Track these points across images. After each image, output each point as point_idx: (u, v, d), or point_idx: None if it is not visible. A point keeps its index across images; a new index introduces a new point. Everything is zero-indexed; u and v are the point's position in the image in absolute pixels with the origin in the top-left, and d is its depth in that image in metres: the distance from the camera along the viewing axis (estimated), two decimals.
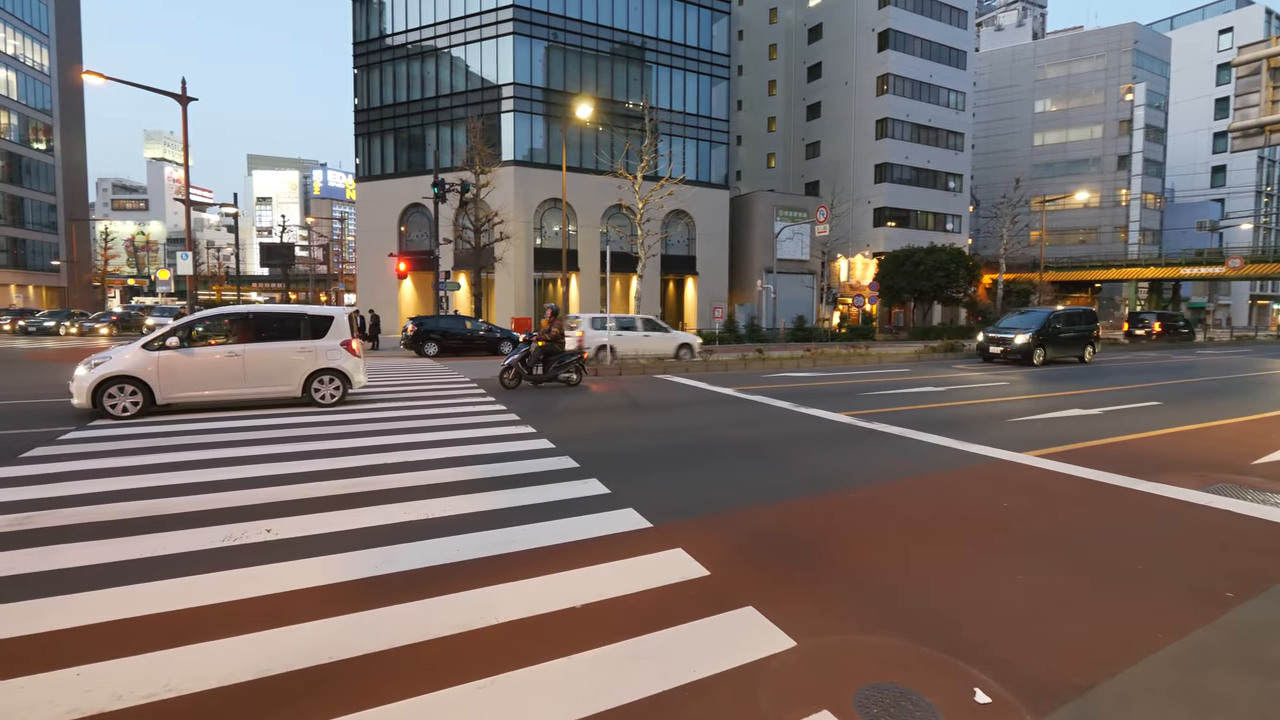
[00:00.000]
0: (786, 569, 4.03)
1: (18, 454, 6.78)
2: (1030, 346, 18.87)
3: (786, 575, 3.93)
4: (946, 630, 3.30)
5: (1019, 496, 5.66)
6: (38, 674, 2.83)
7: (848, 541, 4.52)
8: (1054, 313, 20.10)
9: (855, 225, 46.17)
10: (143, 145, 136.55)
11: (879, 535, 4.66)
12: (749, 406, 10.73)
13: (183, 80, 20.01)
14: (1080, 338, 20.27)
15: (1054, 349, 19.45)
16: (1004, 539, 4.63)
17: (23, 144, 58.38)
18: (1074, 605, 3.62)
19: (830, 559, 4.20)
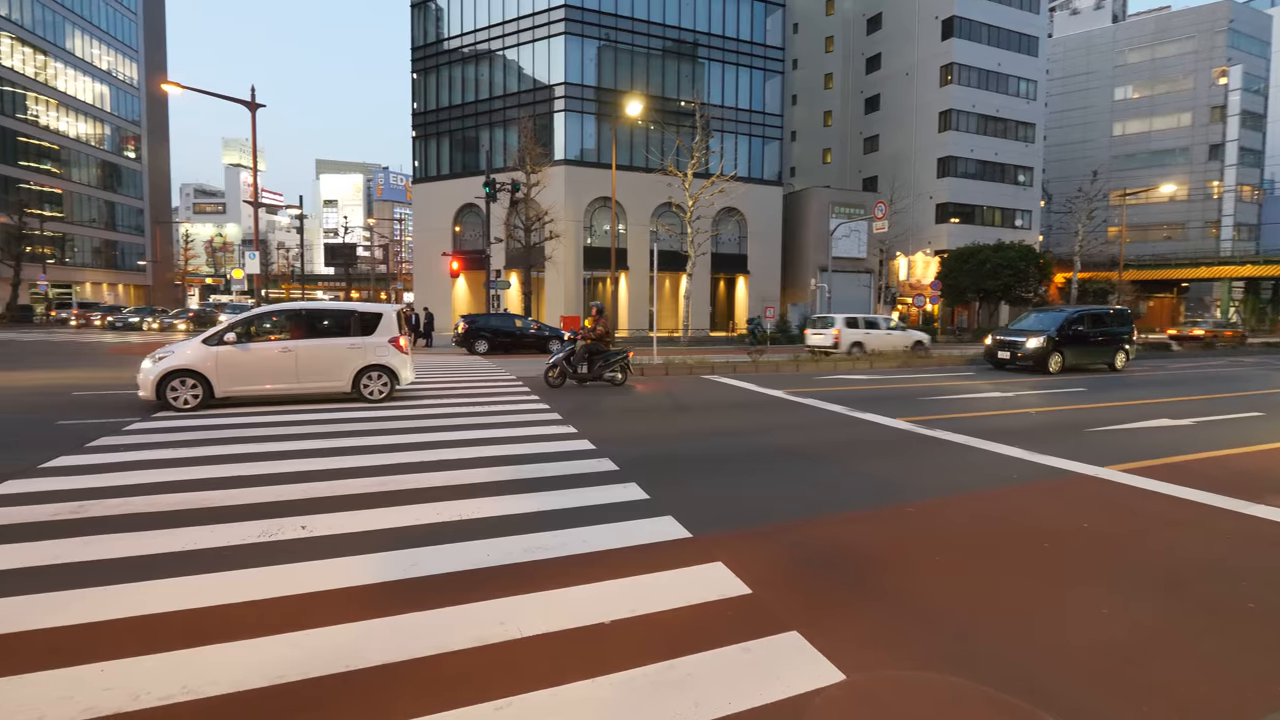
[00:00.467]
0: (836, 591, 3.70)
1: (84, 443, 7.04)
2: (1044, 351, 16.47)
3: (836, 598, 3.61)
4: (1017, 670, 2.93)
5: (1101, 517, 5.14)
6: (64, 668, 2.80)
7: (904, 562, 4.15)
8: (1075, 312, 17.58)
9: (916, 222, 44.56)
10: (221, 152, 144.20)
11: (939, 556, 4.26)
12: (799, 410, 10.31)
13: (251, 88, 20.83)
14: (1109, 342, 17.71)
15: (1075, 354, 16.99)
16: (1084, 565, 4.16)
17: (115, 153, 62.37)
18: (1172, 648, 3.17)
19: (885, 581, 3.85)
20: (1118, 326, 18.07)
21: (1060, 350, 16.61)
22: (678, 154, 29.79)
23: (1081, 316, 17.46)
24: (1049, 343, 16.49)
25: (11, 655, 2.88)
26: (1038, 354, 16.49)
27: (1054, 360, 16.49)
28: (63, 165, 55.87)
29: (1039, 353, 16.48)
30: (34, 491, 5.27)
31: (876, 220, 31.22)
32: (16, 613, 3.26)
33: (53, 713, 2.50)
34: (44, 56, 54.13)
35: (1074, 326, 17.07)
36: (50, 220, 50.62)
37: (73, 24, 57.04)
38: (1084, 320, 17.46)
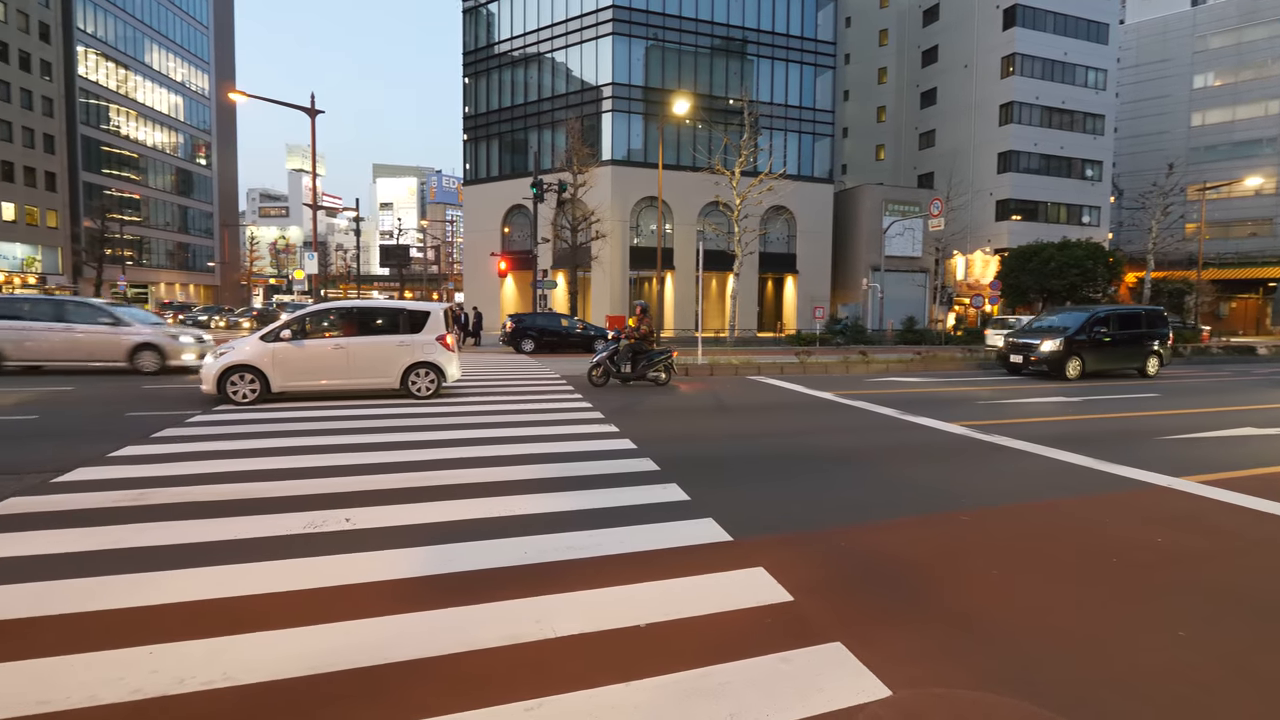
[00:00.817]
0: (883, 601, 3.53)
1: (150, 434, 7.37)
2: (1060, 355, 14.86)
3: (883, 609, 3.44)
4: (1081, 695, 2.71)
5: (1177, 532, 4.78)
6: (116, 649, 2.88)
7: (958, 573, 3.93)
8: (1100, 311, 16.00)
9: (974, 219, 42.99)
10: (285, 158, 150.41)
11: (995, 568, 4.02)
12: (848, 413, 10.02)
13: (311, 95, 21.60)
14: (1138, 345, 15.99)
15: (1097, 358, 15.32)
16: (1157, 584, 3.86)
17: (188, 160, 65.77)
18: (1262, 679, 2.89)
19: (936, 593, 3.65)
20: (1150, 327, 16.31)
21: (1079, 354, 14.99)
22: (725, 152, 29.50)
23: (1107, 316, 15.88)
24: (1066, 345, 14.91)
25: (70, 635, 2.99)
26: (1053, 358, 14.96)
27: (1072, 365, 14.93)
28: (141, 172, 59.19)
29: (1054, 356, 14.94)
30: (101, 479, 5.52)
31: (932, 218, 30.25)
32: (77, 594, 3.39)
33: (104, 692, 2.57)
34: (125, 70, 57.47)
35: (1096, 328, 15.42)
36: (129, 224, 53.70)
37: (151, 39, 60.39)
38: (1109, 320, 15.83)
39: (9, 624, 3.09)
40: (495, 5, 40.03)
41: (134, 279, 55.45)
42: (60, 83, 51.12)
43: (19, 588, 3.46)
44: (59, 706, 2.47)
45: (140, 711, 2.47)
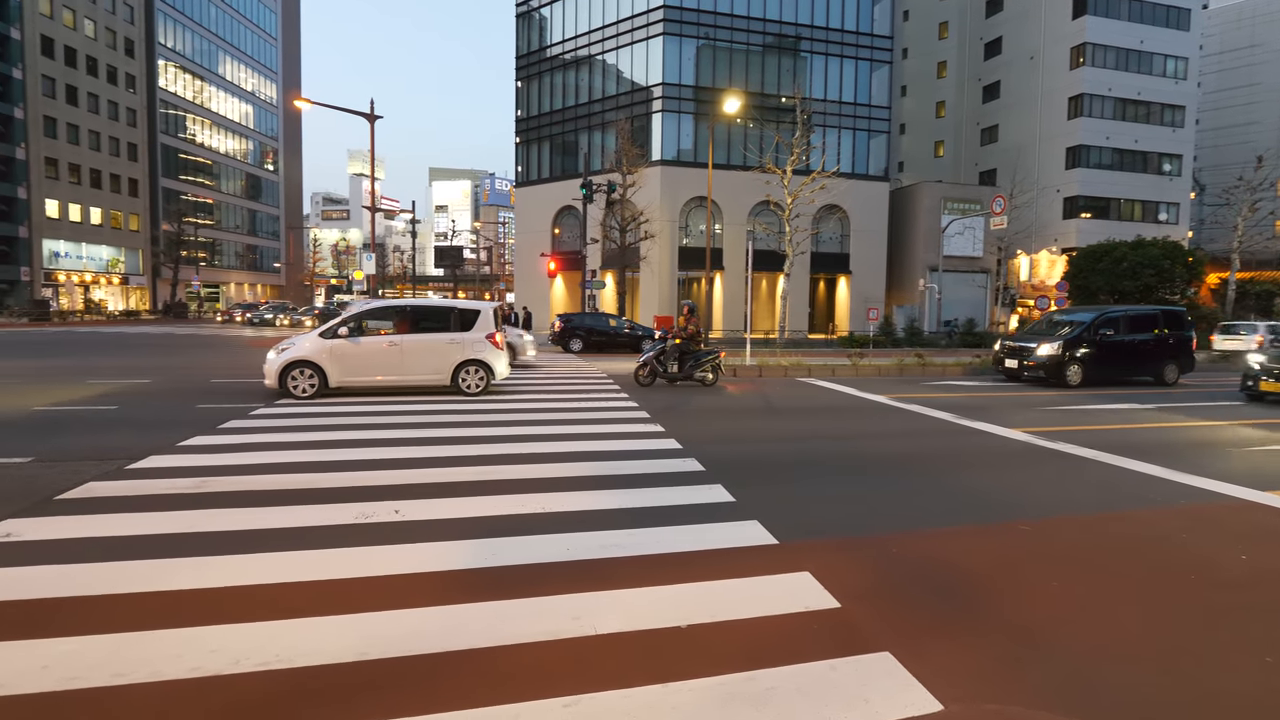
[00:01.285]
0: (936, 611, 3.38)
1: (216, 424, 7.73)
2: (1057, 360, 13.43)
3: (935, 619, 3.30)
4: (1152, 718, 2.53)
5: (1264, 549, 4.44)
6: (178, 628, 3.01)
7: (1017, 585, 3.74)
8: (1109, 312, 14.40)
9: (1040, 217, 41.20)
10: (346, 162, 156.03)
11: (1058, 581, 3.82)
12: (902, 416, 9.72)
13: (370, 101, 22.34)
14: (1154, 349, 14.31)
15: (1101, 365, 13.78)
16: (1242, 604, 3.59)
17: (257, 165, 68.99)
18: None
19: (993, 604, 3.48)
20: (1165, 330, 14.47)
21: (1081, 359, 13.53)
22: (777, 150, 29.10)
23: (1115, 318, 14.29)
24: (1064, 349, 13.49)
25: (135, 612, 3.14)
26: (1050, 363, 13.50)
27: (1072, 371, 13.47)
28: (213, 178, 62.40)
29: (1052, 362, 13.49)
30: (169, 466, 5.81)
31: (994, 216, 29.12)
32: (145, 575, 3.56)
33: (166, 669, 2.68)
34: (201, 81, 60.68)
35: (1102, 330, 13.92)
36: (203, 227, 56.67)
37: (224, 51, 63.60)
38: (1119, 322, 14.24)
39: (86, 600, 3.27)
40: (548, 9, 40.55)
41: (206, 279, 58.50)
42: (143, 94, 54.34)
43: (95, 567, 3.66)
44: (128, 680, 2.60)
45: (199, 688, 2.57)
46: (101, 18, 50.45)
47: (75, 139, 48.43)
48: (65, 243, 48.20)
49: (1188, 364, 14.72)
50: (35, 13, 45.40)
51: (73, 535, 4.14)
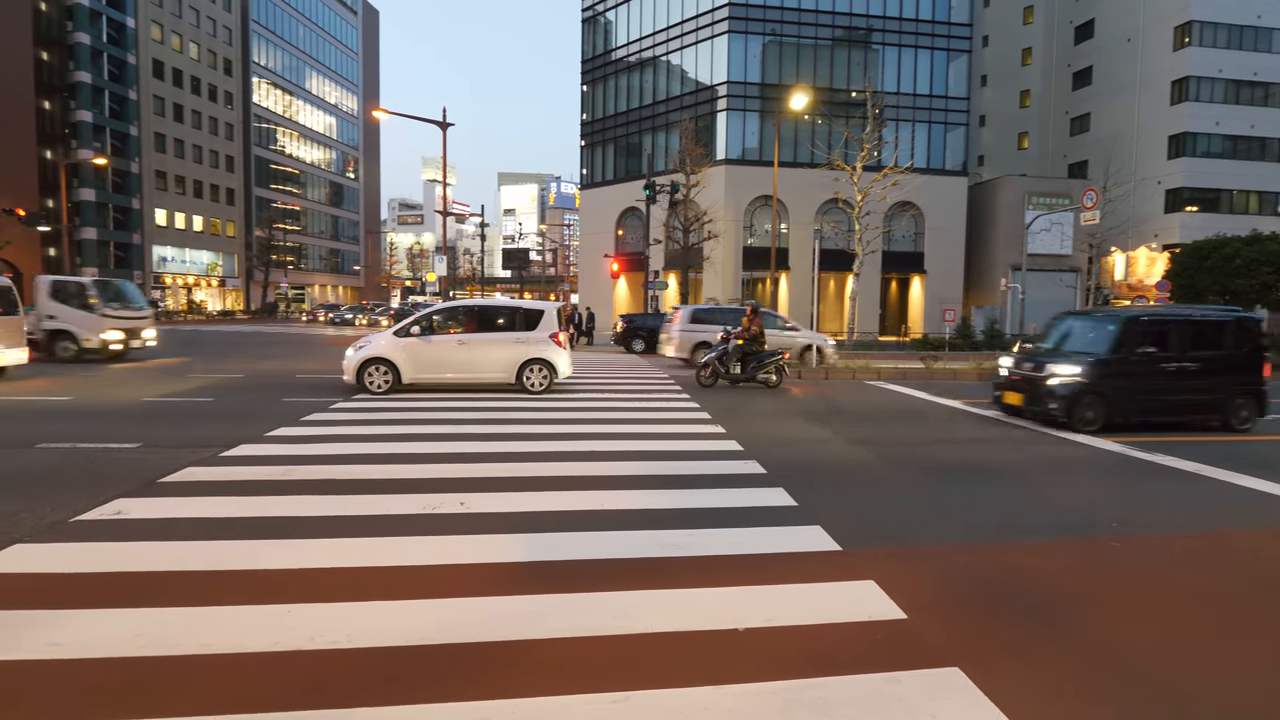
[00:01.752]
0: (1011, 627, 3.21)
1: (300, 417, 8.20)
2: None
3: (1010, 635, 3.13)
4: None
5: None
6: (260, 605, 3.22)
7: (1104, 604, 3.50)
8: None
9: (1138, 211, 38.43)
10: (420, 169, 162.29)
11: (1151, 603, 3.55)
12: (978, 423, 9.28)
13: (443, 110, 23.12)
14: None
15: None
16: None
17: (339, 174, 72.72)
18: None
19: (1076, 623, 3.27)
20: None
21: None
22: (846, 146, 28.36)
23: (1161, 327, 9.20)
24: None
25: (223, 589, 3.37)
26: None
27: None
28: (300, 186, 66.20)
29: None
30: (258, 455, 6.20)
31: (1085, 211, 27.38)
32: (231, 554, 3.82)
33: (248, 642, 2.86)
34: (290, 96, 64.49)
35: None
36: (290, 233, 60.18)
37: (311, 67, 67.36)
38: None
39: (180, 575, 3.53)
40: (613, 13, 40.92)
41: (294, 281, 62.04)
42: (239, 110, 58.26)
43: (190, 545, 3.95)
44: (213, 650, 2.79)
45: (278, 661, 2.72)
46: (204, 40, 54.43)
47: (181, 153, 52.44)
48: (172, 248, 52.26)
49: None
50: (148, 39, 49.44)
51: (172, 515, 4.48)
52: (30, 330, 13.76)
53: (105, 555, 3.80)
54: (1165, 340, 9.08)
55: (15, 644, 2.79)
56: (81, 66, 44.71)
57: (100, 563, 3.68)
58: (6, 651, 2.74)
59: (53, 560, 3.72)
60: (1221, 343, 9.35)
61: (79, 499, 4.76)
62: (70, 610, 3.10)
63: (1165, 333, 9.13)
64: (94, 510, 4.53)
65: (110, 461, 5.92)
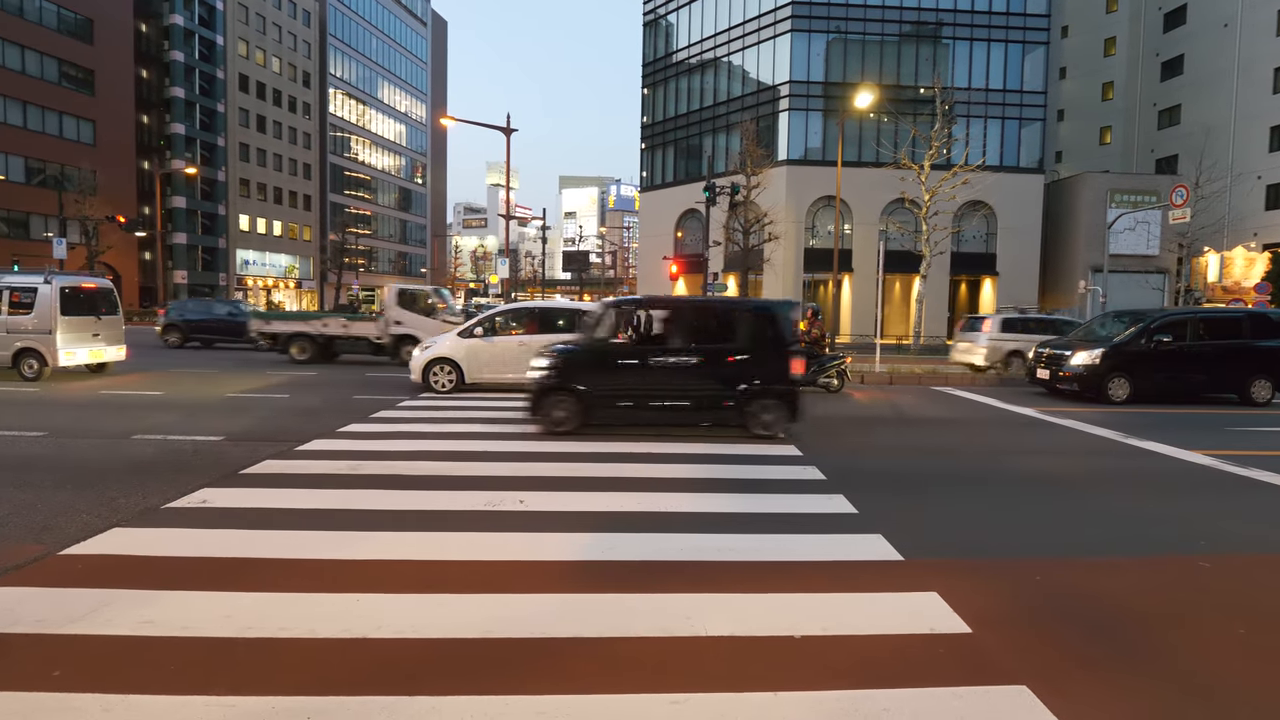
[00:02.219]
0: (1085, 647, 3.05)
1: (369, 413, 8.56)
2: (1095, 371, 11.27)
3: (1085, 656, 2.97)
4: None
5: None
6: (330, 593, 3.38)
7: (1192, 627, 3.28)
8: (1172, 315, 11.95)
9: (1235, 210, 35.77)
10: (484, 174, 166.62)
11: (1244, 628, 3.30)
12: (1054, 431, 8.84)
13: (507, 116, 23.68)
14: (1235, 361, 11.63)
15: (1158, 377, 11.40)
16: None
17: (408, 179, 75.42)
18: None
19: (1158, 647, 3.07)
20: (1255, 339, 11.72)
21: (1126, 371, 11.26)
22: (913, 145, 27.51)
23: (1181, 322, 11.81)
24: (1106, 359, 11.26)
25: (298, 576, 3.55)
26: (1087, 374, 11.35)
27: (1116, 385, 11.24)
28: (372, 192, 69.02)
29: (1089, 373, 11.33)
30: (329, 450, 6.51)
31: (1174, 209, 25.64)
32: (303, 544, 4.02)
33: (321, 628, 3.01)
34: (363, 106, 67.35)
35: (1159, 336, 11.43)
36: (362, 237, 62.83)
37: (383, 77, 70.16)
38: (1185, 327, 11.69)
39: (259, 562, 3.75)
40: (674, 15, 40.96)
41: (364, 283, 64.67)
42: (316, 120, 61.24)
43: (269, 534, 4.19)
44: (290, 634, 2.94)
45: (347, 647, 2.86)
46: (285, 55, 57.50)
47: (263, 161, 55.55)
48: (253, 252, 55.38)
49: None
50: (235, 54, 52.62)
51: (253, 505, 4.76)
52: (379, 335, 15.12)
53: (192, 540, 4.07)
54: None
55: (110, 619, 3.03)
56: (176, 82, 47.94)
57: (188, 547, 3.94)
58: (103, 627, 2.97)
59: (146, 544, 4.01)
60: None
61: (169, 487, 5.11)
62: (161, 591, 3.33)
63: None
64: (182, 498, 4.86)
65: (197, 453, 6.34)
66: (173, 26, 47.72)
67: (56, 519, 4.39)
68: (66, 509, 4.60)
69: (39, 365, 11.26)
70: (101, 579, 3.47)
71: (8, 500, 4.78)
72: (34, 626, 2.96)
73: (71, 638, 2.88)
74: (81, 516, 4.44)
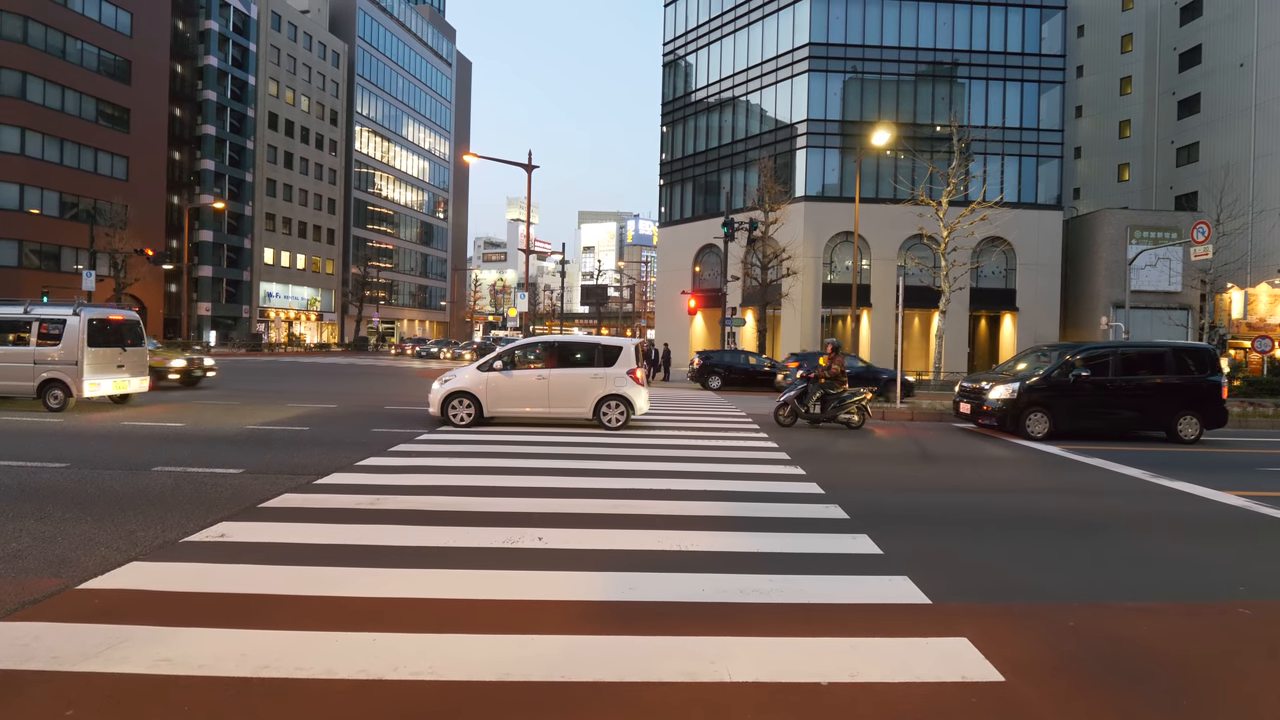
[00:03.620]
0: (1124, 698, 2.91)
1: (388, 447, 8.57)
2: (1016, 406, 11.12)
3: (1124, 708, 2.83)
4: None
5: None
6: (347, 632, 3.31)
7: (1234, 678, 3.13)
8: (1093, 349, 11.78)
9: (1257, 246, 35.36)
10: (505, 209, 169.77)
11: None
12: (1081, 471, 8.63)
13: (529, 153, 24.23)
14: (1158, 398, 11.35)
15: (1078, 413, 11.18)
16: None
17: (430, 214, 76.99)
18: None
19: (1201, 699, 2.93)
20: (1182, 374, 11.44)
21: (1045, 407, 11.07)
22: (931, 181, 27.63)
23: (1103, 356, 11.52)
24: (1024, 394, 11.14)
25: (315, 614, 3.51)
26: (1005, 409, 11.22)
27: (1034, 421, 11.06)
28: (394, 226, 70.46)
29: (1007, 408, 11.20)
30: (348, 484, 6.50)
31: (1196, 245, 25.41)
32: (326, 580, 3.98)
33: (338, 667, 2.95)
34: (388, 143, 69.26)
35: (1079, 370, 11.22)
36: (383, 270, 63.95)
37: (408, 115, 72.26)
38: (1105, 362, 11.41)
39: (277, 598, 3.71)
40: (693, 56, 41.96)
41: (385, 316, 65.66)
42: (342, 156, 63.02)
43: (287, 569, 4.15)
44: (306, 674, 2.88)
45: (364, 688, 2.79)
46: (314, 94, 59.53)
47: (289, 197, 57.09)
48: (277, 284, 56.53)
49: (1215, 416, 11.38)
50: (265, 94, 54.58)
51: (271, 540, 4.74)
52: None
53: (210, 576, 4.04)
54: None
55: (126, 657, 2.98)
56: (208, 120, 49.71)
57: (205, 583, 3.91)
58: (119, 665, 2.92)
59: (164, 579, 3.98)
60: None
61: (188, 521, 5.12)
62: (178, 628, 3.29)
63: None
64: (201, 532, 4.85)
65: (216, 486, 6.35)
66: (207, 67, 49.70)
67: (75, 552, 4.40)
68: (85, 541, 4.61)
69: (64, 396, 11.46)
70: (118, 615, 3.45)
71: (28, 532, 4.80)
72: (48, 663, 2.93)
73: (86, 675, 2.84)
74: (100, 550, 4.44)
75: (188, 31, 49.97)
